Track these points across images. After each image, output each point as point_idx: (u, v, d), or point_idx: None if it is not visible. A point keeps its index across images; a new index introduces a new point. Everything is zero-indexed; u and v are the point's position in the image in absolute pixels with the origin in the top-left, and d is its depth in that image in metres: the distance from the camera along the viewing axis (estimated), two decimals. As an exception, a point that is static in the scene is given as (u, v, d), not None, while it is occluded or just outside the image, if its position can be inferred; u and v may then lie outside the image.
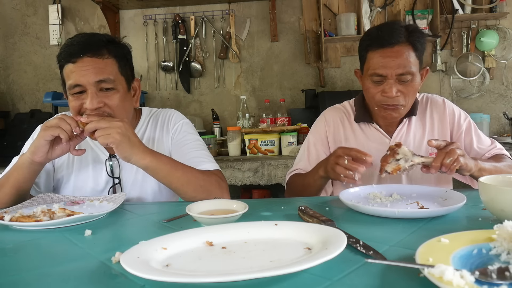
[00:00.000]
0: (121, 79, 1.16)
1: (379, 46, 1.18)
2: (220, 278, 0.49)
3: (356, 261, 0.59)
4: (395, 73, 1.17)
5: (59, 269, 0.62)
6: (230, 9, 3.04)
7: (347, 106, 1.43)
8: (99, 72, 1.09)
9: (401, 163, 1.01)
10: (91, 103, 1.08)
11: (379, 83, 1.21)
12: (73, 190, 1.26)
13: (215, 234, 0.69)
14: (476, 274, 0.47)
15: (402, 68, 1.16)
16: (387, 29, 1.19)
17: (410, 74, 1.18)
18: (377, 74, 1.19)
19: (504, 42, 2.88)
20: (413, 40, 1.18)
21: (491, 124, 2.90)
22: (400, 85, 1.19)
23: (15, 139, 2.67)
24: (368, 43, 1.22)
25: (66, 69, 1.12)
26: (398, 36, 1.17)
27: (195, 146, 1.27)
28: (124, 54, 1.19)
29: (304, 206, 0.89)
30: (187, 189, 1.10)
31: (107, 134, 1.00)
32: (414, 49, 1.18)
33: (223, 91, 3.11)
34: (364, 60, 1.25)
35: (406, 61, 1.17)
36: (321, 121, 1.42)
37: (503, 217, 0.71)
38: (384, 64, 1.17)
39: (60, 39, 3.10)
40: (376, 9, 2.89)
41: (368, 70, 1.22)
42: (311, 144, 1.40)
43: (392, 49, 1.17)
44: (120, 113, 1.14)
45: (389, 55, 1.17)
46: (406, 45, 1.17)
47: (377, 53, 1.19)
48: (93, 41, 1.12)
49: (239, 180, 2.38)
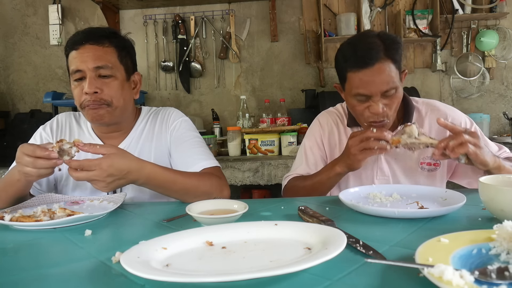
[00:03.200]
0: (119, 67, 1.20)
1: (358, 67, 1.13)
2: (220, 278, 0.49)
3: (356, 261, 0.59)
4: (380, 91, 1.13)
5: (59, 269, 0.62)
6: (230, 9, 3.04)
7: (340, 109, 1.43)
8: (98, 58, 1.15)
9: (403, 138, 1.03)
10: (89, 87, 1.12)
11: (364, 101, 1.17)
12: (73, 188, 1.26)
13: (215, 234, 0.69)
14: (476, 274, 0.47)
15: (386, 84, 1.13)
16: (363, 48, 1.13)
17: (394, 88, 1.14)
18: (361, 94, 1.15)
19: (504, 42, 2.88)
20: (391, 54, 1.13)
21: (491, 124, 2.90)
22: (384, 99, 1.15)
23: (15, 139, 2.66)
24: (346, 65, 1.17)
25: (70, 56, 1.17)
26: (376, 54, 1.11)
27: (194, 143, 1.27)
28: (125, 46, 1.23)
29: (304, 206, 0.89)
30: (187, 198, 1.10)
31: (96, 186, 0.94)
32: (393, 62, 1.14)
33: (223, 91, 3.11)
34: (345, 79, 1.20)
35: (389, 77, 1.12)
36: (316, 126, 1.42)
37: (503, 217, 0.71)
38: (366, 84, 1.13)
39: (60, 39, 3.10)
40: (376, 9, 2.89)
41: (351, 90, 1.18)
42: (308, 148, 1.40)
43: (372, 69, 1.12)
44: (117, 100, 1.18)
45: (370, 74, 1.12)
46: (386, 61, 1.12)
47: (358, 75, 1.14)
48: (96, 31, 1.19)
49: (239, 180, 2.38)
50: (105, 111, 1.17)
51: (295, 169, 1.41)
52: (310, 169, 1.36)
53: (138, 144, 1.28)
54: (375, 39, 1.14)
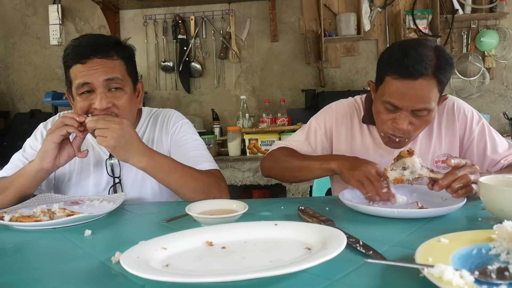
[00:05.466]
0: (128, 80, 1.17)
1: (400, 76, 1.03)
2: (220, 278, 0.49)
3: (355, 261, 0.59)
4: (411, 108, 1.05)
5: (59, 269, 0.62)
6: (230, 9, 3.04)
7: (358, 101, 1.33)
8: (109, 71, 1.10)
9: (405, 174, 0.94)
10: (100, 103, 1.08)
11: (392, 112, 1.09)
12: (75, 189, 1.26)
13: (215, 234, 0.69)
14: (476, 274, 0.47)
15: (421, 103, 1.04)
16: (414, 57, 1.01)
17: (427, 110, 1.06)
18: (392, 104, 1.07)
19: (504, 42, 2.88)
20: (439, 74, 1.03)
21: (491, 124, 2.86)
22: (414, 117, 1.07)
23: (15, 139, 2.67)
24: (389, 67, 1.07)
25: (75, 69, 1.11)
26: (424, 68, 1.01)
27: (194, 146, 1.27)
28: (130, 56, 1.21)
29: (304, 206, 0.89)
30: (186, 190, 1.10)
31: (103, 137, 1.00)
32: (438, 83, 1.04)
33: (223, 91, 3.11)
34: (381, 81, 1.10)
35: (427, 98, 1.03)
36: (330, 112, 1.33)
37: (503, 217, 0.71)
38: (401, 96, 1.04)
39: (60, 39, 3.10)
40: (376, 9, 2.89)
41: (383, 95, 1.09)
42: (313, 129, 1.32)
43: (414, 82, 1.02)
44: (126, 114, 1.15)
45: (410, 87, 1.03)
46: (431, 79, 1.02)
47: (397, 82, 1.04)
48: (101, 43, 1.13)
49: (239, 180, 2.38)
50: None
51: (292, 140, 1.33)
52: (307, 147, 1.29)
53: None
54: (429, 51, 1.03)
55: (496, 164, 1.21)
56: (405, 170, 0.94)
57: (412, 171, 0.93)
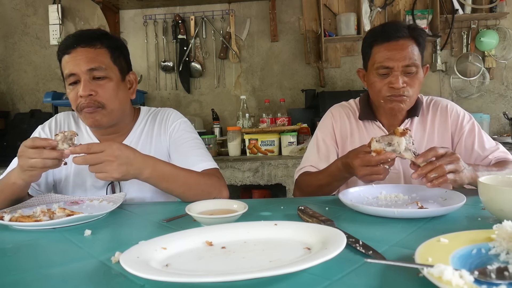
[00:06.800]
0: (113, 68, 1.19)
1: (384, 40, 1.24)
2: (220, 278, 0.49)
3: (355, 261, 0.59)
4: (401, 64, 1.21)
5: (59, 269, 0.63)
6: (230, 9, 3.04)
7: (352, 104, 1.46)
8: (91, 60, 1.14)
9: (387, 150, 0.96)
10: (84, 90, 1.12)
11: (385, 76, 1.24)
12: (72, 188, 1.26)
13: (215, 234, 0.69)
14: (475, 274, 0.47)
15: (408, 59, 1.21)
16: (391, 25, 1.27)
17: (415, 66, 1.23)
18: (384, 67, 1.23)
19: (504, 42, 2.88)
20: (416, 35, 1.25)
21: (491, 124, 2.90)
22: (406, 77, 1.23)
23: (15, 139, 2.67)
24: (373, 39, 1.28)
25: (63, 60, 1.17)
26: (402, 31, 1.24)
27: (193, 145, 1.27)
28: (117, 46, 1.23)
29: (303, 206, 0.89)
30: (188, 195, 1.10)
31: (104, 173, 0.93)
32: (417, 44, 1.25)
33: (223, 91, 3.11)
34: (369, 56, 1.29)
35: (411, 54, 1.22)
36: (328, 117, 1.45)
37: (502, 217, 0.71)
38: (390, 56, 1.22)
39: (60, 39, 3.09)
40: (376, 9, 2.89)
41: (374, 65, 1.26)
42: (320, 140, 1.41)
43: (397, 42, 1.23)
44: (113, 102, 1.18)
45: (395, 47, 1.23)
46: (410, 40, 1.24)
47: (383, 47, 1.24)
48: (87, 34, 1.18)
49: (239, 180, 2.39)
50: (101, 115, 1.16)
51: (306, 160, 1.41)
52: (320, 161, 1.35)
53: (137, 145, 1.28)
54: (403, 23, 1.30)
55: (484, 159, 1.28)
56: (389, 146, 0.96)
57: (394, 150, 0.96)
